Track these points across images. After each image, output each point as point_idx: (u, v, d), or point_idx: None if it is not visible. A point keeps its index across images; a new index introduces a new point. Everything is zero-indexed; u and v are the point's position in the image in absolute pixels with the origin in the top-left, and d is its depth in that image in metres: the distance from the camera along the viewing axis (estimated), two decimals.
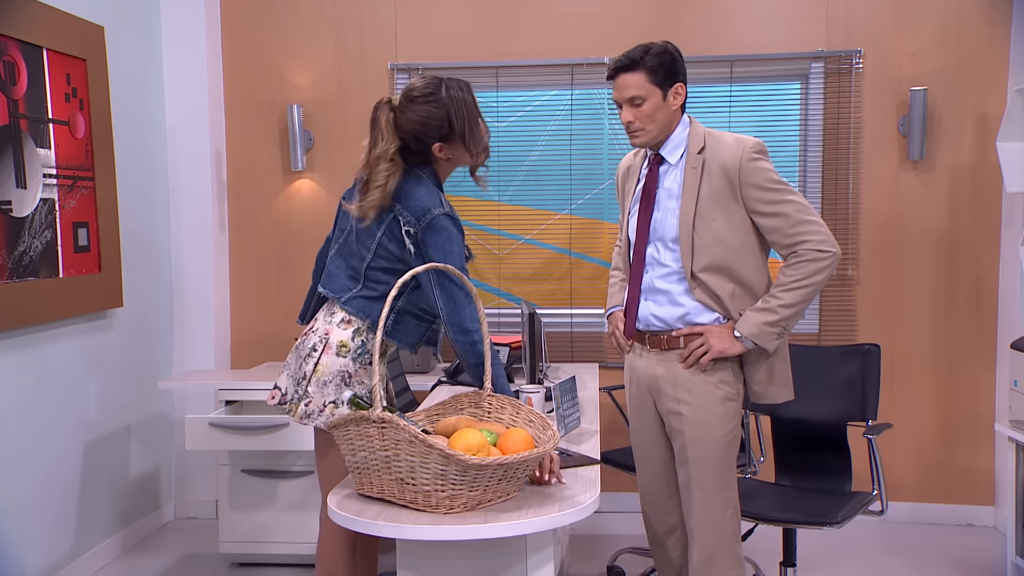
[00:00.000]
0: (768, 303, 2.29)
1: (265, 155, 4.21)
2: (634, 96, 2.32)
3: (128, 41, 3.80)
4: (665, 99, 2.33)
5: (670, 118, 2.35)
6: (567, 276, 4.14)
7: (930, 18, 3.87)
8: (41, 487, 3.23)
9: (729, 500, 2.36)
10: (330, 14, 4.14)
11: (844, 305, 3.98)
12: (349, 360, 2.27)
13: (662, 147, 2.39)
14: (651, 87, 2.31)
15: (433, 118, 2.21)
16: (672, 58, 2.32)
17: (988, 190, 3.88)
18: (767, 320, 2.27)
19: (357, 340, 2.28)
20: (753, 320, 2.28)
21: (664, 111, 2.33)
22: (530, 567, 1.93)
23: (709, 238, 2.30)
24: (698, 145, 2.34)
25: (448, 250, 2.19)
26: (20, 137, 3.07)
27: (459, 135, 2.25)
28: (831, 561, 3.58)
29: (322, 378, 2.27)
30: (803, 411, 3.02)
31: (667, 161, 2.39)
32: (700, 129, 2.38)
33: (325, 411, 2.26)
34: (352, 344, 2.28)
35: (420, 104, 2.22)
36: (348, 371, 2.27)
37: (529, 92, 4.10)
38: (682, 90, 2.34)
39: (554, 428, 2.00)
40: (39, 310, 3.14)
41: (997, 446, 3.91)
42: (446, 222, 2.21)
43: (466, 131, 2.25)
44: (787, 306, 2.26)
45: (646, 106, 2.32)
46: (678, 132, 2.38)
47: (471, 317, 2.17)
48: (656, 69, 2.30)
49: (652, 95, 2.31)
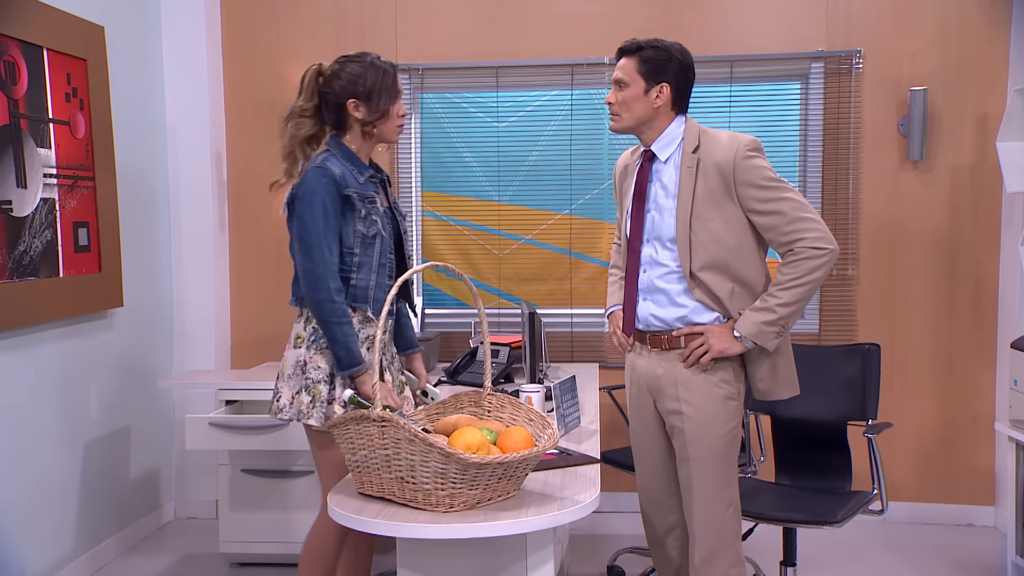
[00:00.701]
0: (766, 302, 2.28)
1: (265, 155, 4.20)
2: (620, 79, 2.36)
3: (128, 41, 3.81)
4: (646, 93, 2.34)
5: (648, 113, 2.36)
6: (567, 276, 4.14)
7: (930, 18, 3.87)
8: (41, 486, 3.23)
9: (730, 499, 2.36)
10: (330, 14, 4.14)
11: (844, 305, 3.98)
12: (303, 349, 2.39)
13: (653, 143, 2.39)
14: (636, 76, 2.34)
15: (354, 73, 2.38)
16: (668, 58, 2.33)
17: (988, 190, 3.88)
18: (766, 320, 2.27)
19: (309, 328, 2.40)
20: (752, 320, 2.28)
21: (642, 104, 2.35)
22: (530, 566, 1.93)
23: (706, 237, 2.30)
24: (692, 144, 2.34)
25: (307, 203, 2.30)
26: (20, 137, 3.07)
27: (373, 95, 2.37)
28: (831, 561, 3.58)
29: (286, 372, 2.42)
30: (803, 410, 3.02)
31: (658, 158, 2.39)
32: (695, 128, 2.37)
33: (294, 403, 2.38)
34: (305, 333, 2.40)
35: (346, 63, 2.40)
36: (303, 359, 2.39)
37: (529, 92, 4.10)
38: (666, 91, 2.34)
39: (554, 427, 2.00)
40: (39, 310, 3.14)
41: (997, 446, 3.90)
42: (310, 178, 2.32)
43: (381, 93, 2.38)
44: (785, 305, 2.26)
45: (626, 92, 2.35)
46: (671, 129, 2.38)
47: (322, 273, 2.29)
48: (648, 61, 2.33)
49: (635, 84, 2.34)
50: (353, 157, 2.41)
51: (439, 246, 4.17)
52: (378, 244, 2.40)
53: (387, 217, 2.46)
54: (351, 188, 2.35)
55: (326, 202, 2.30)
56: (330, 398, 2.36)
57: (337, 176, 2.33)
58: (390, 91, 2.39)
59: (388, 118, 2.41)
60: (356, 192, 2.36)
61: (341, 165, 2.37)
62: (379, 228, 2.40)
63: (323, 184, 2.31)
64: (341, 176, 2.34)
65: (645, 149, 2.42)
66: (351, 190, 2.35)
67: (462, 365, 3.54)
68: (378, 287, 2.41)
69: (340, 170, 2.35)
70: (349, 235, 2.36)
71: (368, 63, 2.40)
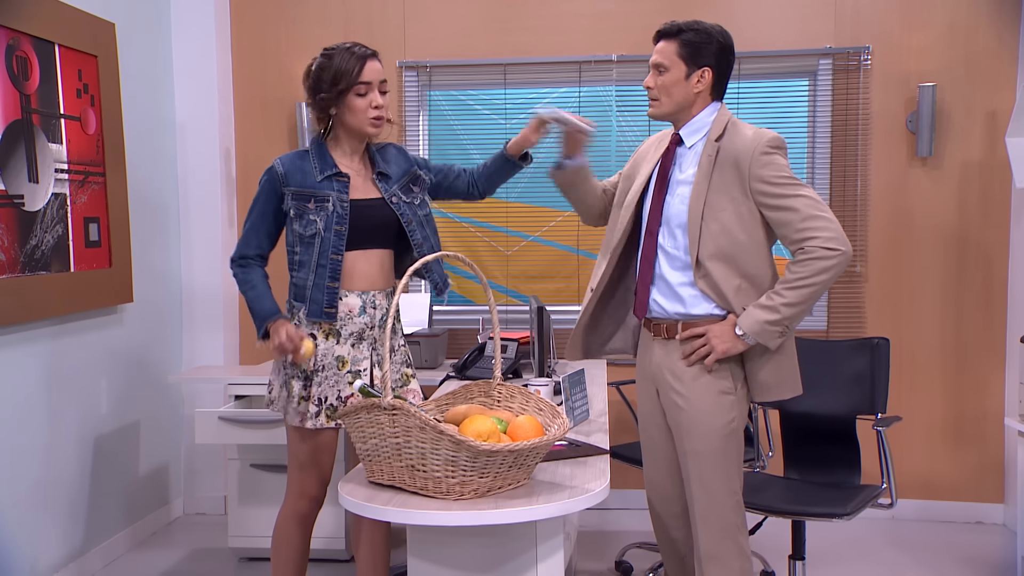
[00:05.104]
0: (772, 300, 2.23)
1: (274, 152, 4.20)
2: (659, 63, 2.32)
3: (139, 38, 3.83)
4: (688, 77, 2.30)
5: (689, 99, 2.32)
6: (575, 274, 4.14)
7: (938, 14, 3.87)
8: (51, 481, 3.24)
9: (731, 492, 2.33)
10: (338, 12, 4.16)
11: (852, 302, 3.98)
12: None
13: (682, 127, 2.37)
14: (677, 60, 2.30)
15: (311, 69, 2.43)
16: (709, 41, 2.29)
17: (997, 186, 3.87)
18: (769, 319, 2.22)
19: (293, 322, 2.46)
20: (755, 318, 2.23)
21: (682, 89, 2.31)
22: (540, 555, 1.93)
23: (716, 228, 2.27)
24: (718, 132, 2.31)
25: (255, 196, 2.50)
26: (32, 132, 3.09)
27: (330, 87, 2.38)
28: (839, 558, 3.57)
29: (275, 365, 2.53)
30: (812, 405, 3.00)
31: (684, 143, 2.37)
32: (726, 116, 2.34)
33: (282, 393, 2.48)
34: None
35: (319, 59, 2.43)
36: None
37: (537, 89, 4.11)
38: (708, 75, 2.30)
39: (564, 416, 2.00)
40: (50, 304, 3.16)
41: (1007, 442, 3.89)
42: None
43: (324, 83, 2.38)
44: (790, 305, 2.21)
45: (667, 77, 2.31)
46: (702, 116, 2.35)
47: (237, 249, 2.49)
48: (688, 44, 2.29)
49: (675, 68, 2.30)
50: (323, 154, 2.45)
51: (446, 243, 4.16)
52: (317, 244, 2.40)
53: (336, 219, 2.39)
54: (293, 186, 2.41)
55: (259, 199, 2.48)
56: (303, 395, 2.44)
57: (279, 174, 2.43)
58: (339, 81, 2.36)
59: (349, 110, 2.39)
60: (296, 191, 2.41)
61: (296, 162, 2.43)
62: (318, 228, 2.40)
63: (262, 182, 2.48)
64: (284, 174, 2.43)
65: (674, 133, 2.39)
66: (292, 188, 2.41)
67: (470, 360, 3.54)
68: (315, 287, 2.41)
69: (287, 168, 2.43)
70: (289, 232, 2.47)
71: (333, 56, 2.39)
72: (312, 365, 2.43)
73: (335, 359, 2.44)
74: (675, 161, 2.38)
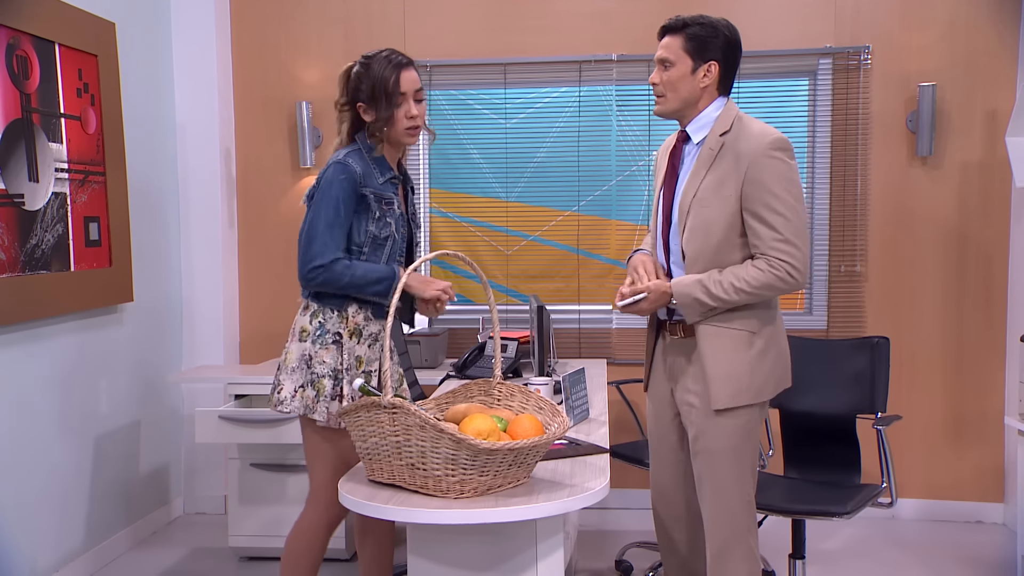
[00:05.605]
0: (714, 289, 2.22)
1: (274, 152, 4.23)
2: (665, 58, 2.29)
3: (139, 38, 3.83)
4: (694, 72, 2.27)
5: (695, 94, 2.29)
6: (575, 274, 4.14)
7: (938, 14, 3.87)
8: (51, 481, 3.24)
9: (743, 493, 2.32)
10: (339, 12, 4.16)
11: (852, 301, 3.98)
12: (308, 343, 2.39)
13: (688, 124, 2.34)
14: (683, 55, 2.27)
15: (359, 76, 2.37)
16: (715, 34, 2.26)
17: (997, 186, 3.87)
18: (703, 302, 2.23)
19: (315, 322, 2.39)
20: (691, 294, 2.23)
21: (688, 84, 2.28)
22: (540, 553, 1.93)
23: (697, 223, 2.26)
24: (724, 127, 2.27)
25: (323, 195, 2.33)
26: (33, 131, 3.09)
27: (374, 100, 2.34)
28: (839, 557, 3.57)
29: (290, 365, 2.40)
30: (812, 404, 3.01)
31: (691, 140, 2.35)
32: (732, 112, 2.30)
33: (296, 396, 2.37)
34: (311, 327, 2.40)
35: (360, 64, 2.38)
36: (308, 354, 2.38)
37: (537, 89, 4.11)
38: (715, 69, 2.27)
39: (563, 415, 2.00)
40: (50, 303, 3.16)
41: (1007, 441, 3.89)
42: (330, 172, 2.33)
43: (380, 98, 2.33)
44: (727, 302, 2.22)
45: (672, 72, 2.28)
46: (708, 111, 2.31)
47: (318, 253, 2.29)
48: (694, 38, 2.26)
49: (681, 63, 2.27)
50: (377, 157, 2.40)
51: (446, 244, 4.17)
52: (388, 247, 2.39)
53: (402, 221, 2.43)
54: (369, 187, 2.35)
55: (340, 198, 2.30)
56: (334, 394, 2.36)
57: (357, 173, 2.32)
58: (390, 95, 2.32)
59: (394, 121, 2.35)
60: (373, 192, 2.35)
61: (364, 162, 2.36)
62: (392, 231, 2.39)
63: (340, 180, 2.31)
64: (361, 174, 2.33)
65: (680, 130, 2.37)
66: (368, 189, 2.34)
67: (470, 360, 3.55)
68: None
69: (362, 168, 2.34)
70: (360, 233, 2.36)
71: (371, 66, 2.34)
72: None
73: (355, 359, 2.40)
74: (682, 160, 2.37)
